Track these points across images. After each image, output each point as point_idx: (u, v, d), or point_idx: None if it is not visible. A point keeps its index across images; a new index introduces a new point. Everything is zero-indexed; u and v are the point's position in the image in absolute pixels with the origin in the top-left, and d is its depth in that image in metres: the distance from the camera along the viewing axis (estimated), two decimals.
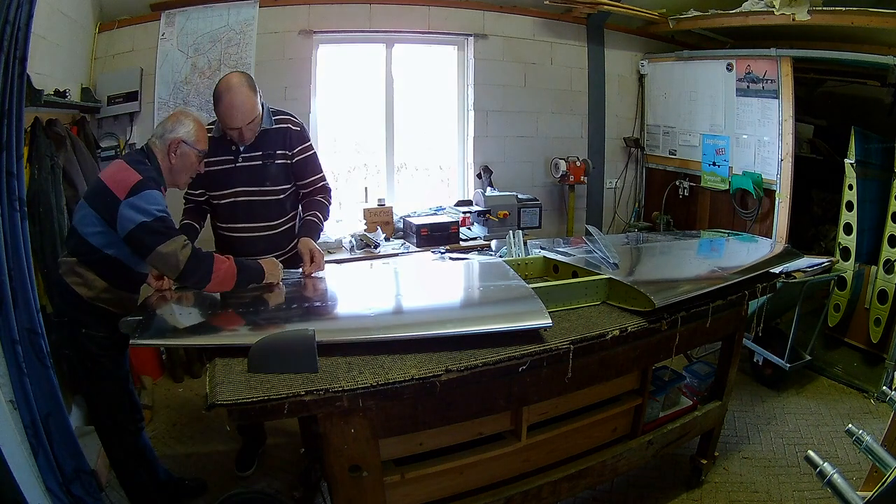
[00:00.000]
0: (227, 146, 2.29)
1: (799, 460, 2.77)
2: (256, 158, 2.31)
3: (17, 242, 1.69)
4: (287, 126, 2.36)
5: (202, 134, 2.05)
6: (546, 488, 1.96)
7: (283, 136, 2.34)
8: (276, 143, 2.32)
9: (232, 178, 2.30)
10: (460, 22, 4.30)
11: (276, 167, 2.34)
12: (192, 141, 2.01)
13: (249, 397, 1.39)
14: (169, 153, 1.99)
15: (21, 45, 1.67)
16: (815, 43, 3.96)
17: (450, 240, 3.73)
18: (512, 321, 1.75)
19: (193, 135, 2.01)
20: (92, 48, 3.45)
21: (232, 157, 2.30)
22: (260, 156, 2.31)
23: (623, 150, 5.13)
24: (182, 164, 2.03)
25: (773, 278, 2.51)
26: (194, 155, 2.03)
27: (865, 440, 1.31)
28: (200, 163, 2.09)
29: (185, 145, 2.00)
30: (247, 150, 2.30)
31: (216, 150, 2.24)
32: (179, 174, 2.05)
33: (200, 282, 1.89)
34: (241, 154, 2.30)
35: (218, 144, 2.26)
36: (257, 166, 2.31)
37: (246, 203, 2.33)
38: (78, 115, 3.24)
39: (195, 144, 2.02)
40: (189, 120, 2.02)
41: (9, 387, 1.63)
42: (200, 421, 3.10)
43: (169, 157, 2.00)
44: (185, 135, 1.99)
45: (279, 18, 3.82)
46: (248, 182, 2.31)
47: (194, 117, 2.06)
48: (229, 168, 2.30)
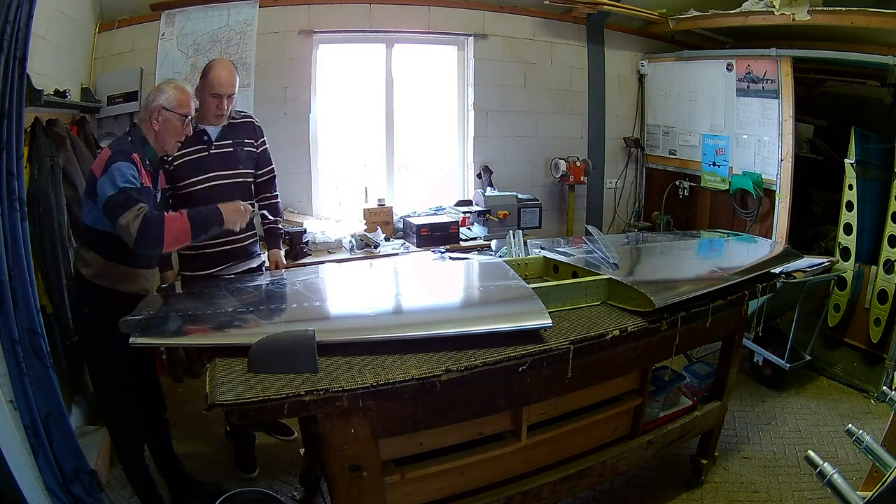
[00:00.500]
0: (200, 137, 2.44)
1: (799, 460, 2.77)
2: (228, 146, 2.51)
3: (17, 242, 1.69)
4: (251, 120, 2.64)
5: (183, 97, 2.09)
6: (546, 488, 1.96)
7: (249, 128, 2.61)
8: (243, 133, 2.56)
9: (207, 164, 2.46)
10: (460, 22, 4.30)
11: (246, 154, 2.56)
12: (173, 106, 2.06)
13: (249, 397, 1.39)
14: (152, 121, 2.06)
15: (21, 45, 1.67)
16: (815, 43, 3.96)
17: (450, 240, 3.73)
18: (512, 321, 1.75)
19: (174, 100, 2.06)
20: (92, 48, 3.45)
21: (205, 146, 2.47)
22: (231, 143, 2.52)
23: (623, 150, 5.13)
24: (166, 130, 2.08)
25: (773, 278, 2.51)
26: (176, 119, 2.08)
27: (865, 440, 1.31)
28: (185, 126, 2.13)
29: (166, 111, 2.05)
30: (218, 139, 2.50)
31: (190, 143, 2.37)
32: (165, 140, 2.10)
33: (155, 245, 1.92)
34: (214, 143, 2.48)
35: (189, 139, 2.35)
36: (229, 152, 2.51)
37: (220, 186, 2.46)
38: (78, 115, 3.24)
39: (176, 109, 2.07)
40: (169, 87, 2.09)
41: (9, 387, 1.63)
42: (200, 421, 3.10)
43: (152, 124, 2.06)
44: (165, 101, 2.05)
45: (279, 18, 3.82)
46: (221, 167, 2.48)
47: (175, 84, 2.12)
48: (204, 156, 2.46)
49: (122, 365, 2.09)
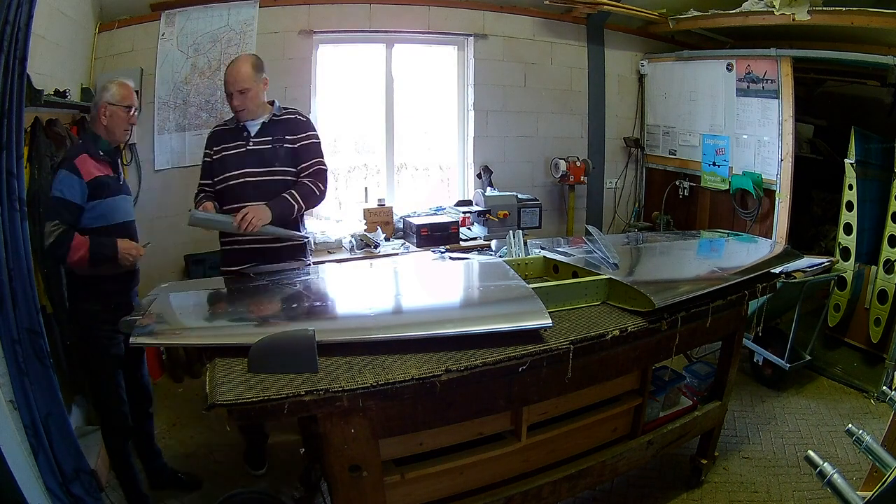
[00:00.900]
0: (240, 133, 2.49)
1: (799, 460, 2.77)
2: (266, 143, 2.49)
3: (17, 242, 1.69)
4: (294, 116, 2.60)
5: (125, 91, 2.26)
6: (546, 488, 1.96)
7: (290, 124, 2.56)
8: (283, 130, 2.53)
9: (244, 160, 2.47)
10: (460, 22, 4.30)
11: (284, 150, 2.51)
12: (117, 100, 2.23)
13: (249, 397, 1.39)
14: (101, 117, 2.23)
15: (21, 45, 1.67)
16: (815, 43, 3.96)
17: (450, 240, 3.73)
18: (512, 321, 1.75)
19: (117, 95, 2.23)
20: (92, 48, 3.45)
21: (244, 143, 2.48)
22: (269, 140, 2.50)
23: (623, 150, 5.13)
24: (114, 122, 2.24)
25: (773, 278, 2.51)
26: (121, 111, 2.24)
27: (865, 440, 1.31)
28: (129, 115, 2.28)
29: (111, 106, 2.22)
30: (257, 136, 2.49)
31: (230, 139, 2.50)
32: (114, 131, 2.26)
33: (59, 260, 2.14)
34: (252, 139, 2.49)
35: (230, 134, 2.51)
36: (267, 149, 2.49)
37: (255, 183, 2.46)
38: (78, 115, 3.24)
39: (120, 102, 2.24)
40: (112, 84, 2.25)
41: (9, 387, 1.63)
42: (200, 421, 3.10)
43: (101, 120, 2.23)
44: (109, 97, 2.22)
45: (279, 18, 3.82)
46: (258, 164, 2.47)
47: (117, 81, 2.28)
48: (241, 152, 2.48)
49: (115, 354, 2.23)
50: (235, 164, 2.46)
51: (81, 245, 2.09)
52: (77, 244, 2.08)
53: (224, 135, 2.52)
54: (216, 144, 2.52)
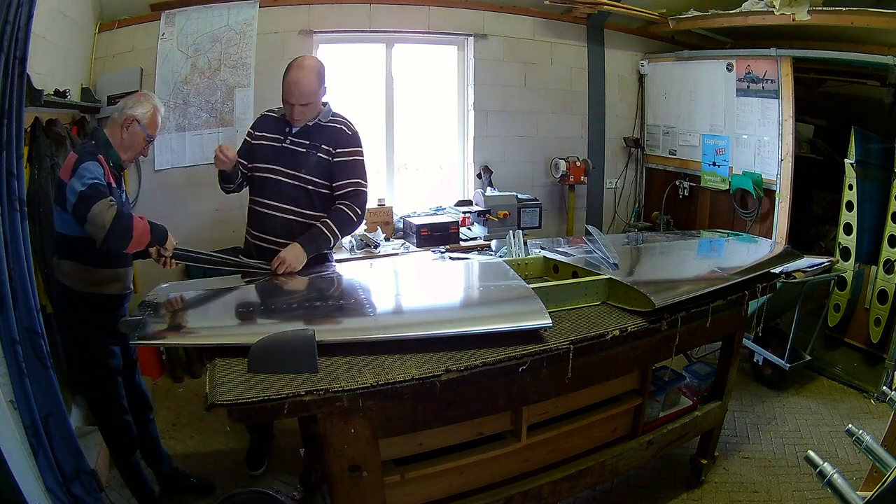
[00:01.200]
0: (282, 126, 2.42)
1: (799, 460, 2.77)
2: (302, 146, 2.40)
3: (17, 242, 1.69)
4: (341, 127, 2.46)
5: (155, 120, 2.12)
6: (546, 488, 1.96)
7: (334, 134, 2.44)
8: (324, 139, 2.42)
9: (274, 155, 2.41)
10: (460, 22, 4.30)
11: (317, 159, 2.41)
12: (145, 123, 2.09)
13: (249, 397, 1.39)
14: (122, 127, 2.07)
15: (21, 45, 1.67)
16: (815, 43, 3.96)
17: (450, 240, 3.73)
18: (512, 321, 1.75)
19: (148, 117, 2.09)
20: (92, 48, 3.45)
21: (281, 137, 2.41)
22: (307, 144, 2.40)
23: (623, 150, 5.13)
24: (130, 142, 2.10)
25: (773, 278, 2.51)
26: (142, 137, 2.10)
27: (865, 440, 1.31)
28: (146, 147, 2.15)
29: (137, 125, 2.07)
30: (296, 136, 2.40)
31: (273, 129, 2.43)
32: (126, 150, 2.11)
33: (123, 238, 1.88)
34: (290, 137, 2.40)
35: (274, 123, 2.45)
36: (300, 152, 2.40)
37: (276, 181, 2.40)
38: (78, 115, 3.24)
39: (146, 127, 2.09)
40: (149, 103, 2.10)
41: (9, 387, 1.63)
42: (200, 421, 3.10)
43: (121, 130, 2.07)
44: (140, 115, 2.07)
45: (279, 18, 3.82)
46: (287, 164, 2.39)
47: (154, 103, 2.13)
48: (276, 146, 2.41)
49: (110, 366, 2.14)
50: (266, 158, 2.41)
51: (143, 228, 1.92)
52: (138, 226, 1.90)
53: (270, 122, 2.45)
54: (259, 129, 2.46)
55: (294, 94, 2.30)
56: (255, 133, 2.47)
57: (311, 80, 2.31)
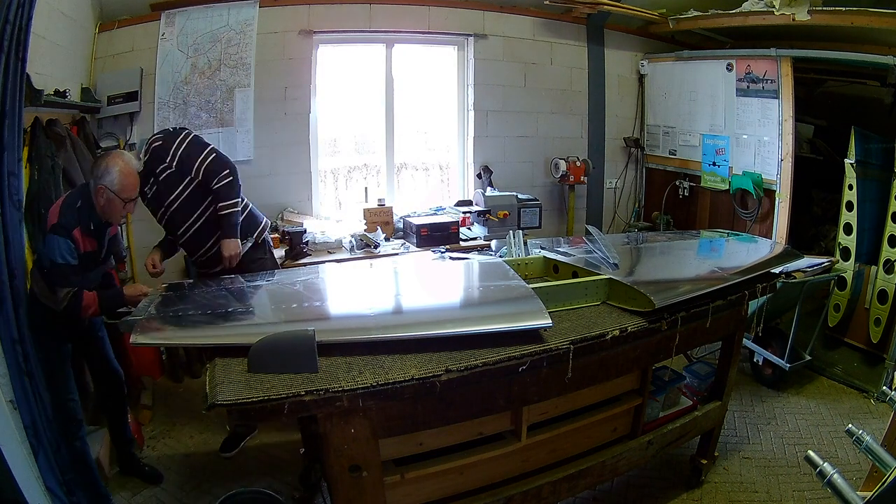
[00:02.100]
0: (147, 176, 2.43)
1: (799, 460, 2.77)
2: (151, 186, 2.47)
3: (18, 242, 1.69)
4: (155, 146, 2.45)
5: (127, 181, 2.13)
6: (546, 488, 1.96)
7: (156, 157, 2.44)
8: (156, 163, 2.44)
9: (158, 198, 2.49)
10: (460, 22, 4.30)
11: (171, 178, 2.46)
12: (116, 189, 2.10)
13: (249, 397, 1.39)
14: (97, 196, 2.11)
15: (21, 45, 1.67)
16: (815, 43, 3.96)
17: (450, 240, 3.73)
18: (512, 321, 1.75)
19: (117, 184, 2.10)
20: (92, 48, 3.45)
21: (152, 181, 2.46)
22: (152, 183, 2.46)
23: (623, 150, 5.13)
24: (109, 209, 2.14)
25: (773, 278, 2.51)
26: (117, 202, 2.13)
27: (865, 440, 1.31)
28: (125, 206, 2.18)
29: (109, 192, 2.10)
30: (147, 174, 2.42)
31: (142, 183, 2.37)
32: (109, 215, 2.17)
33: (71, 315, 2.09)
34: (146, 191, 2.46)
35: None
36: (156, 190, 2.48)
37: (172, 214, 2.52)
38: (78, 115, 3.24)
39: (119, 193, 2.11)
40: (115, 168, 2.10)
41: (9, 387, 1.63)
42: (200, 421, 3.10)
43: (97, 199, 2.12)
44: (109, 183, 2.09)
45: (279, 18, 3.82)
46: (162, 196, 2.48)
47: (122, 164, 2.13)
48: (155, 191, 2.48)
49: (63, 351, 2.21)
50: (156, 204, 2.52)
51: (91, 302, 2.10)
52: (87, 302, 2.09)
53: None
54: None
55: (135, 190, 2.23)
56: None
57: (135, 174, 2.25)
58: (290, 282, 2.30)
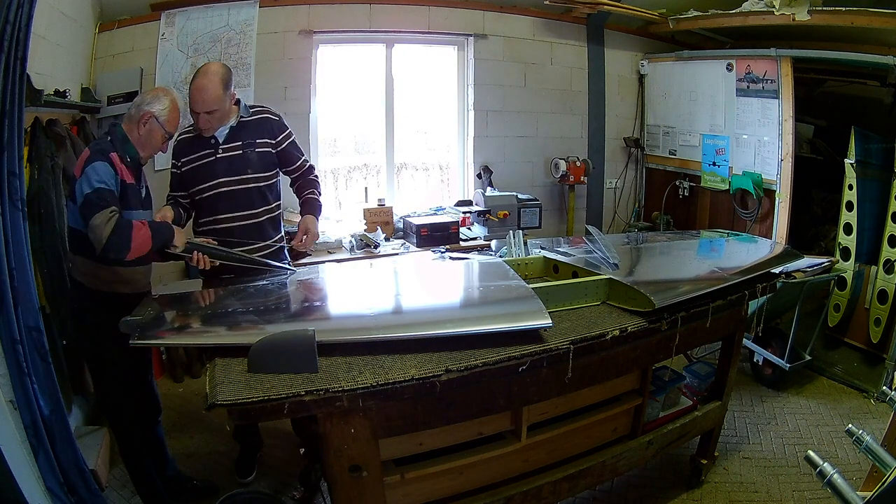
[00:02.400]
0: (207, 141, 2.34)
1: (799, 460, 2.77)
2: (236, 148, 2.35)
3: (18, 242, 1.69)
4: (266, 116, 2.43)
5: (174, 115, 2.07)
6: (546, 488, 1.96)
7: (262, 125, 2.41)
8: (255, 133, 2.38)
9: (213, 169, 2.34)
10: (460, 22, 4.30)
11: (257, 155, 2.38)
12: (163, 119, 2.04)
13: (249, 397, 1.39)
14: (139, 124, 2.02)
15: (21, 46, 1.67)
16: (815, 43, 3.96)
17: (450, 240, 3.73)
18: (512, 321, 1.75)
19: (165, 114, 2.04)
20: (92, 48, 3.45)
21: (212, 150, 2.34)
22: (239, 145, 2.35)
23: (623, 150, 5.13)
24: (147, 139, 2.05)
25: (773, 278, 2.51)
26: (160, 133, 2.05)
27: (865, 440, 1.31)
28: (164, 143, 2.11)
29: (155, 121, 2.02)
30: (226, 142, 2.34)
31: (196, 147, 2.33)
32: (143, 147, 2.07)
33: (121, 250, 1.89)
34: (221, 146, 2.34)
35: (197, 142, 2.34)
36: (237, 155, 2.35)
37: (228, 193, 2.35)
38: (78, 115, 3.24)
39: (164, 124, 2.05)
40: (167, 98, 2.05)
41: (9, 387, 1.63)
42: (200, 421, 3.10)
43: (138, 127, 2.03)
44: (158, 111, 2.02)
45: (279, 18, 3.82)
46: (228, 172, 2.34)
47: (173, 97, 2.08)
48: (210, 161, 2.34)
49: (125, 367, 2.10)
50: (206, 176, 2.33)
51: (141, 227, 1.92)
52: (137, 225, 1.90)
53: (191, 143, 2.34)
54: (183, 156, 2.36)
55: (199, 102, 2.20)
56: (181, 160, 2.37)
57: (215, 88, 2.20)
58: (291, 282, 2.30)
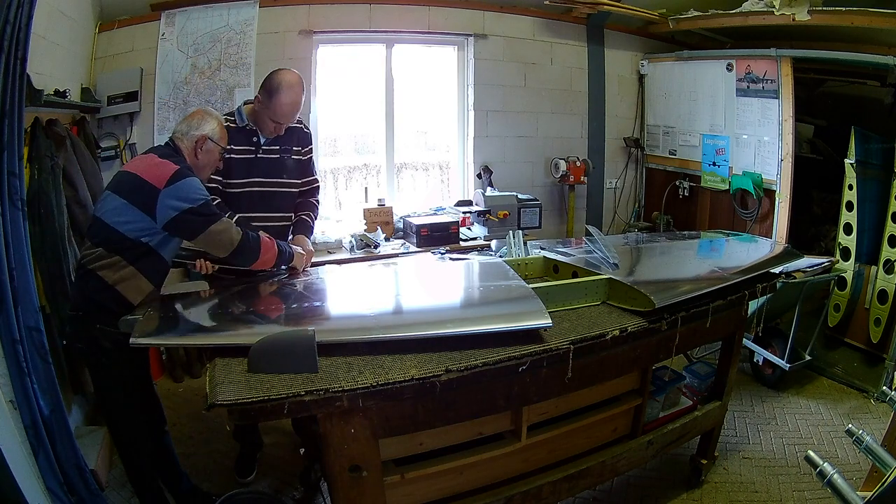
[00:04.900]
0: (249, 137, 2.39)
1: (799, 460, 2.77)
2: (276, 152, 2.44)
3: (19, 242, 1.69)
4: (301, 126, 2.54)
5: (223, 131, 2.18)
6: (546, 488, 1.96)
7: (299, 134, 2.53)
8: (292, 140, 2.49)
9: (252, 167, 2.41)
10: (460, 22, 4.30)
11: (293, 162, 2.50)
12: (217, 138, 2.14)
13: (249, 397, 1.39)
14: (196, 149, 2.10)
15: (21, 45, 1.67)
16: (815, 43, 3.96)
17: (450, 240, 3.73)
18: (512, 321, 1.75)
19: (218, 132, 2.14)
20: (92, 48, 3.45)
21: (253, 149, 2.40)
22: (279, 150, 2.44)
23: (623, 150, 5.13)
24: (207, 160, 2.14)
25: (773, 278, 2.51)
26: (217, 151, 2.16)
27: (865, 440, 1.31)
28: (221, 159, 2.20)
29: (211, 142, 2.11)
30: (267, 143, 2.42)
31: (237, 140, 2.36)
32: (204, 169, 2.14)
33: (249, 258, 2.07)
34: (262, 147, 2.42)
35: (239, 135, 2.37)
36: (276, 159, 2.44)
37: (262, 193, 2.43)
38: (78, 115, 3.24)
39: (219, 141, 2.16)
40: (213, 119, 2.16)
41: (9, 387, 1.63)
42: (200, 421, 3.10)
43: (196, 152, 2.10)
44: (211, 132, 2.12)
45: (279, 18, 3.82)
46: (267, 173, 2.42)
47: (216, 116, 2.19)
48: (250, 158, 2.40)
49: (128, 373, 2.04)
50: (243, 172, 2.38)
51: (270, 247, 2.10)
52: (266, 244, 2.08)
53: (232, 134, 2.31)
54: None
55: (289, 116, 2.32)
56: None
57: (300, 98, 2.33)
58: (291, 282, 2.30)
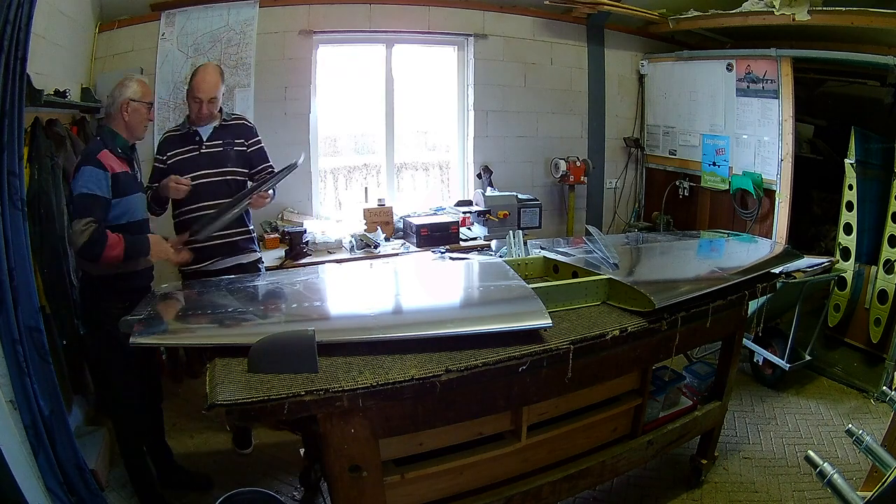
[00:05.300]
0: (192, 138, 2.63)
1: (799, 460, 2.77)
2: (218, 146, 2.65)
3: (18, 242, 1.69)
4: (241, 122, 2.77)
5: (145, 89, 2.31)
6: (546, 488, 1.96)
7: (240, 129, 2.73)
8: (234, 134, 2.69)
9: (197, 162, 2.61)
10: (460, 22, 4.30)
11: (235, 153, 2.69)
12: (139, 97, 2.27)
13: (249, 397, 1.39)
14: (122, 114, 2.24)
15: (21, 45, 1.67)
16: (815, 43, 3.96)
17: (450, 240, 3.73)
18: (512, 321, 1.75)
19: (139, 92, 2.27)
20: (92, 48, 3.45)
21: (196, 146, 2.62)
22: (220, 143, 2.66)
23: (623, 150, 5.13)
24: (136, 119, 2.28)
25: (773, 278, 2.51)
26: (144, 108, 2.28)
27: (865, 440, 1.31)
28: (150, 113, 2.33)
29: (134, 102, 2.25)
30: (209, 139, 2.64)
31: (182, 143, 2.62)
32: (136, 128, 2.30)
33: (92, 258, 2.11)
34: (205, 143, 2.63)
35: (183, 139, 2.64)
36: (219, 151, 2.65)
37: (209, 184, 2.60)
38: (78, 115, 3.24)
39: (142, 98, 2.28)
40: (131, 81, 2.29)
41: (9, 387, 1.63)
42: (200, 421, 3.10)
43: (122, 116, 2.24)
44: (132, 94, 2.25)
45: (279, 18, 3.82)
46: (211, 165, 2.62)
47: (135, 78, 2.33)
48: (195, 155, 2.61)
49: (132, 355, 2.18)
50: (189, 168, 2.57)
51: (117, 243, 2.10)
52: (113, 242, 2.08)
53: (175, 140, 2.63)
54: (169, 151, 2.61)
55: (203, 91, 2.53)
56: (166, 154, 2.61)
57: (216, 78, 2.57)
58: (290, 282, 2.30)
